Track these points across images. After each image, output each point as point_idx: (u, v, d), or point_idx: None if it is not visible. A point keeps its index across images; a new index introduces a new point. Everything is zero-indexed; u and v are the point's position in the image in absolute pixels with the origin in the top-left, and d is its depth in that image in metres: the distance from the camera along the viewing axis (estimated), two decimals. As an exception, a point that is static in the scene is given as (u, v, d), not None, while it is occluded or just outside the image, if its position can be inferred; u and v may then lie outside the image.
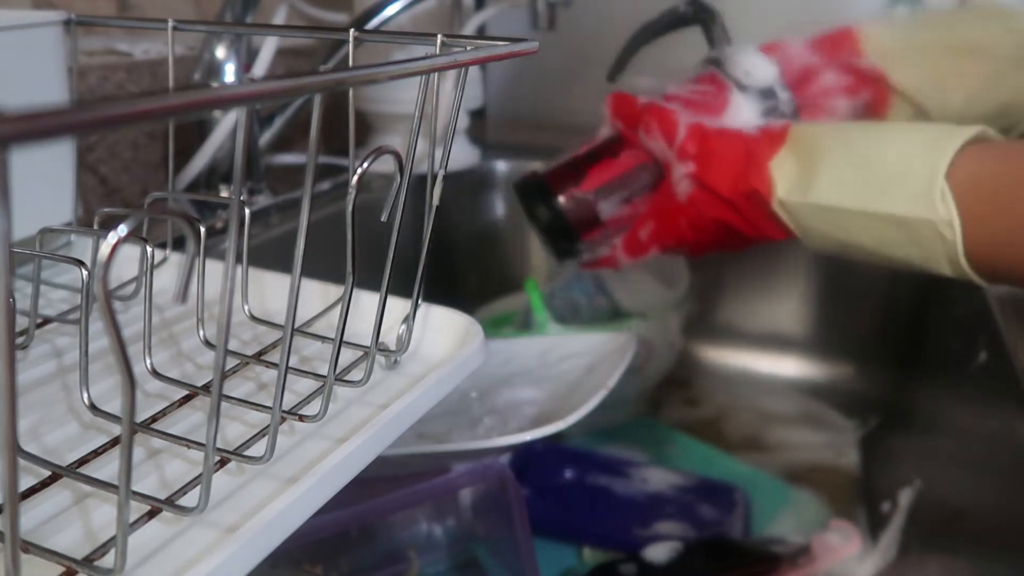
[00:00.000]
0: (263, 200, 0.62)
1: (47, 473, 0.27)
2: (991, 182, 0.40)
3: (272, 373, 0.34)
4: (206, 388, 0.32)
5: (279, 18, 0.70)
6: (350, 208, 0.27)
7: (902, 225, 0.42)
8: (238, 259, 0.30)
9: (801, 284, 0.78)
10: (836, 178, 0.44)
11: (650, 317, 0.66)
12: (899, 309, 0.73)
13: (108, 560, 0.23)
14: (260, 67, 0.62)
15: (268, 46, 0.63)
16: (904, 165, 0.42)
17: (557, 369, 0.61)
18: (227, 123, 0.59)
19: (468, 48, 0.30)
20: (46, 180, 0.40)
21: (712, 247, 0.52)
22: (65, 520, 0.25)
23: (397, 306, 0.36)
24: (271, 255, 0.55)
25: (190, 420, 0.30)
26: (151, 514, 0.25)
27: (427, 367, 0.34)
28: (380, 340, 0.32)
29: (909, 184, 0.41)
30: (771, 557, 0.50)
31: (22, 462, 0.27)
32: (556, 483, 0.57)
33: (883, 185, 0.42)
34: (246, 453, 0.27)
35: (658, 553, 0.50)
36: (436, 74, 0.29)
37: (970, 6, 0.63)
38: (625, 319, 0.66)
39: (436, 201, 0.32)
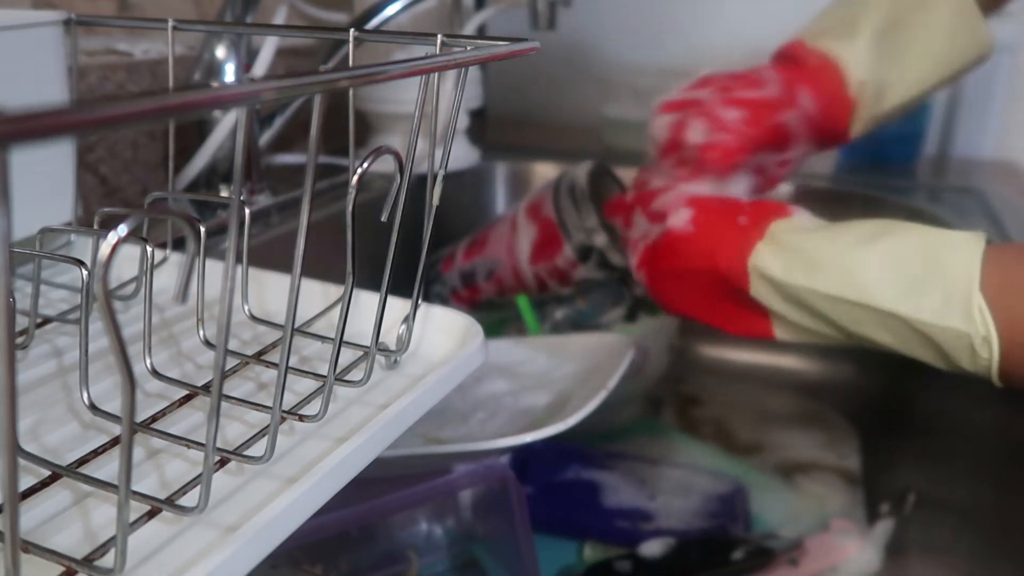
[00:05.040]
0: (263, 200, 0.62)
1: (47, 473, 0.27)
2: (1020, 290, 0.37)
3: (272, 373, 0.34)
4: (206, 388, 0.32)
5: (279, 18, 0.70)
6: (350, 208, 0.27)
7: (925, 328, 0.38)
8: (238, 259, 0.30)
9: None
10: (847, 268, 0.41)
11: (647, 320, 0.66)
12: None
13: (108, 560, 0.23)
14: (260, 67, 0.62)
15: (268, 46, 0.63)
16: (930, 266, 0.38)
17: (558, 371, 0.61)
18: (227, 123, 0.59)
19: (468, 48, 0.30)
20: (46, 180, 0.40)
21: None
22: (65, 520, 0.25)
23: (397, 306, 0.36)
24: (271, 255, 0.55)
25: (190, 420, 0.30)
26: (151, 514, 0.25)
27: (427, 367, 0.34)
28: (380, 340, 0.32)
29: (939, 290, 0.38)
30: (766, 552, 0.50)
31: (22, 462, 0.27)
32: (557, 480, 0.57)
33: (905, 286, 0.39)
34: (246, 453, 0.27)
35: (654, 549, 0.50)
36: (436, 74, 0.29)
37: None
38: (622, 327, 0.66)
39: (436, 201, 0.32)
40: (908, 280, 0.39)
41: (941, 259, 0.39)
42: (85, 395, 0.29)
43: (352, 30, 0.34)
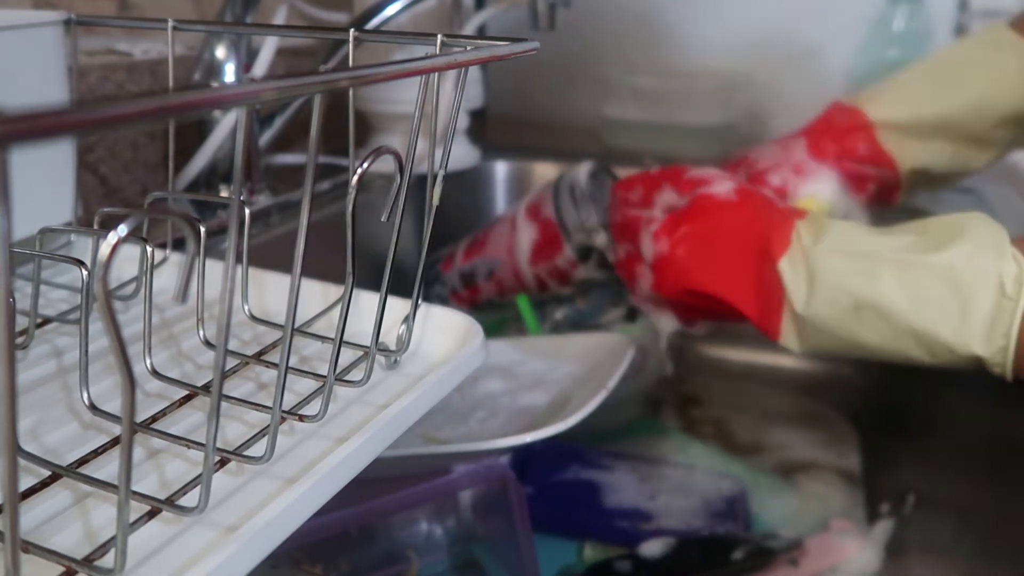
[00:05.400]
0: (263, 200, 0.62)
1: (47, 473, 0.27)
2: None
3: (272, 373, 0.34)
4: (206, 388, 0.32)
5: (279, 18, 0.70)
6: (350, 208, 0.27)
7: (941, 346, 0.39)
8: (238, 259, 0.30)
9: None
10: (871, 273, 0.41)
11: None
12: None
13: (108, 560, 0.23)
14: (260, 67, 0.62)
15: (268, 46, 0.63)
16: (954, 283, 0.38)
17: (557, 371, 0.61)
18: (227, 123, 0.59)
19: (468, 48, 0.30)
20: (46, 180, 0.40)
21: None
22: (65, 520, 0.25)
23: (397, 306, 0.36)
24: (271, 255, 0.55)
25: (190, 420, 0.30)
26: (151, 514, 0.25)
27: (427, 367, 0.34)
28: (380, 340, 0.32)
29: (970, 316, 0.38)
30: (766, 552, 0.50)
31: (22, 462, 0.27)
32: (557, 480, 0.57)
33: (929, 302, 0.39)
34: (246, 453, 0.27)
35: (654, 549, 0.50)
36: (436, 74, 0.29)
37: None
38: (622, 327, 0.66)
39: (436, 201, 0.32)
40: (936, 297, 0.39)
41: (966, 273, 0.39)
42: (85, 395, 0.29)
43: (352, 30, 0.34)
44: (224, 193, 0.61)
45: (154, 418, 0.30)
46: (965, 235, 0.39)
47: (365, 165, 0.25)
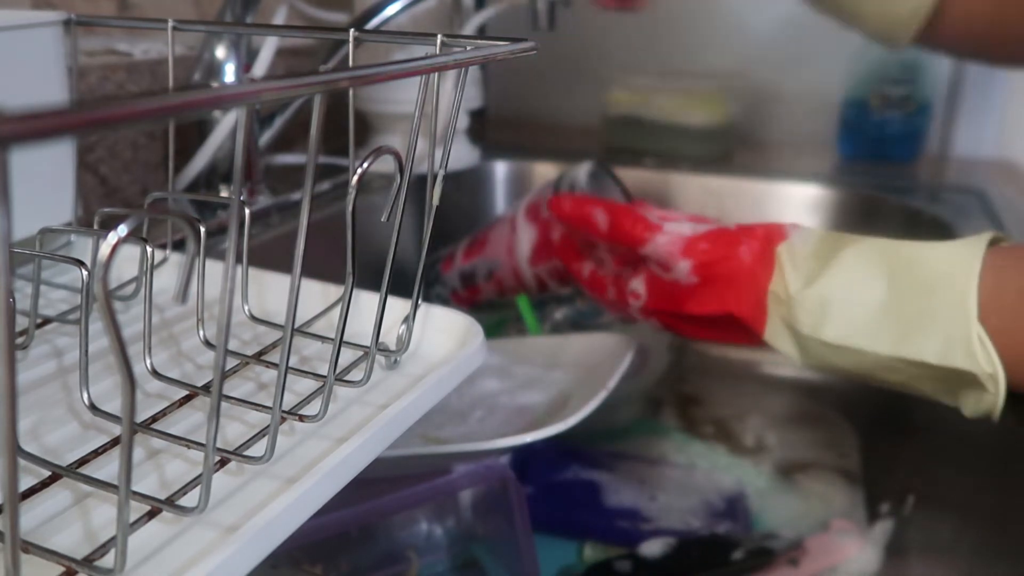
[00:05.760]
0: (263, 200, 0.62)
1: (47, 473, 0.27)
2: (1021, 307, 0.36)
3: (272, 373, 0.34)
4: (206, 388, 0.32)
5: (279, 18, 0.70)
6: (350, 208, 0.27)
7: (932, 368, 0.37)
8: (238, 259, 0.30)
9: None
10: (848, 317, 0.40)
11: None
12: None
13: (108, 560, 0.23)
14: (260, 67, 0.62)
15: (268, 46, 0.63)
16: (926, 298, 0.38)
17: (557, 371, 0.61)
18: (227, 123, 0.59)
19: (468, 48, 0.30)
20: (46, 180, 0.40)
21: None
22: (65, 520, 0.25)
23: (397, 306, 0.36)
24: (271, 255, 0.55)
25: (190, 420, 0.30)
26: (151, 514, 0.25)
27: (427, 367, 0.34)
28: (380, 340, 0.32)
29: (939, 328, 0.37)
30: (766, 552, 0.50)
31: (22, 462, 0.27)
32: (557, 480, 0.57)
33: (907, 327, 0.38)
34: (246, 453, 0.27)
35: (654, 549, 0.50)
36: (436, 74, 0.29)
37: None
38: (622, 327, 0.66)
39: (436, 201, 0.32)
40: (909, 320, 0.38)
41: (938, 285, 0.38)
42: (85, 395, 0.29)
43: (352, 30, 0.34)
44: (224, 193, 0.61)
45: (154, 418, 0.30)
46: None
47: (365, 165, 0.25)
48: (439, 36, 0.31)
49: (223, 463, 0.27)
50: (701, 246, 0.45)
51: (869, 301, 0.39)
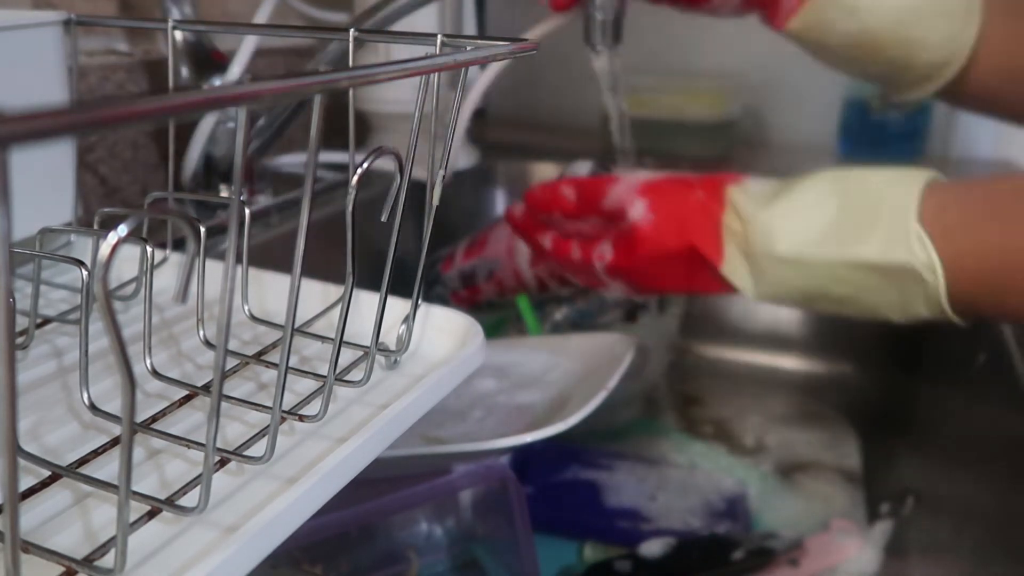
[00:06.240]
0: (263, 200, 0.62)
1: (47, 473, 0.27)
2: (962, 221, 0.39)
3: (272, 373, 0.34)
4: (206, 388, 0.32)
5: (266, 8, 0.69)
6: (350, 208, 0.27)
7: (877, 271, 0.40)
8: (238, 259, 0.30)
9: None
10: (800, 230, 0.42)
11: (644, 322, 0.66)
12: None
13: (108, 560, 0.23)
14: (236, 68, 0.61)
15: (247, 45, 0.62)
16: (872, 210, 0.41)
17: (557, 371, 0.61)
18: (208, 121, 0.58)
19: (468, 48, 0.30)
20: (46, 180, 0.40)
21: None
22: (65, 520, 0.25)
23: (397, 306, 0.36)
24: (271, 255, 0.55)
25: (190, 420, 0.30)
26: (151, 514, 0.25)
27: (427, 367, 0.34)
28: (380, 340, 0.32)
29: (881, 229, 0.40)
30: (766, 552, 0.50)
31: (22, 462, 0.27)
32: (557, 480, 0.57)
33: (853, 232, 0.41)
34: (246, 453, 0.27)
35: (654, 549, 0.50)
36: (436, 74, 0.29)
37: None
38: (622, 327, 0.66)
39: (436, 201, 0.32)
40: (855, 226, 0.41)
41: (883, 198, 0.41)
42: (85, 395, 0.29)
43: (352, 30, 0.34)
44: (224, 193, 0.61)
45: (154, 418, 0.30)
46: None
47: (365, 165, 0.25)
48: (439, 36, 0.31)
49: (223, 463, 0.27)
50: (656, 185, 0.48)
51: (819, 216, 0.42)
